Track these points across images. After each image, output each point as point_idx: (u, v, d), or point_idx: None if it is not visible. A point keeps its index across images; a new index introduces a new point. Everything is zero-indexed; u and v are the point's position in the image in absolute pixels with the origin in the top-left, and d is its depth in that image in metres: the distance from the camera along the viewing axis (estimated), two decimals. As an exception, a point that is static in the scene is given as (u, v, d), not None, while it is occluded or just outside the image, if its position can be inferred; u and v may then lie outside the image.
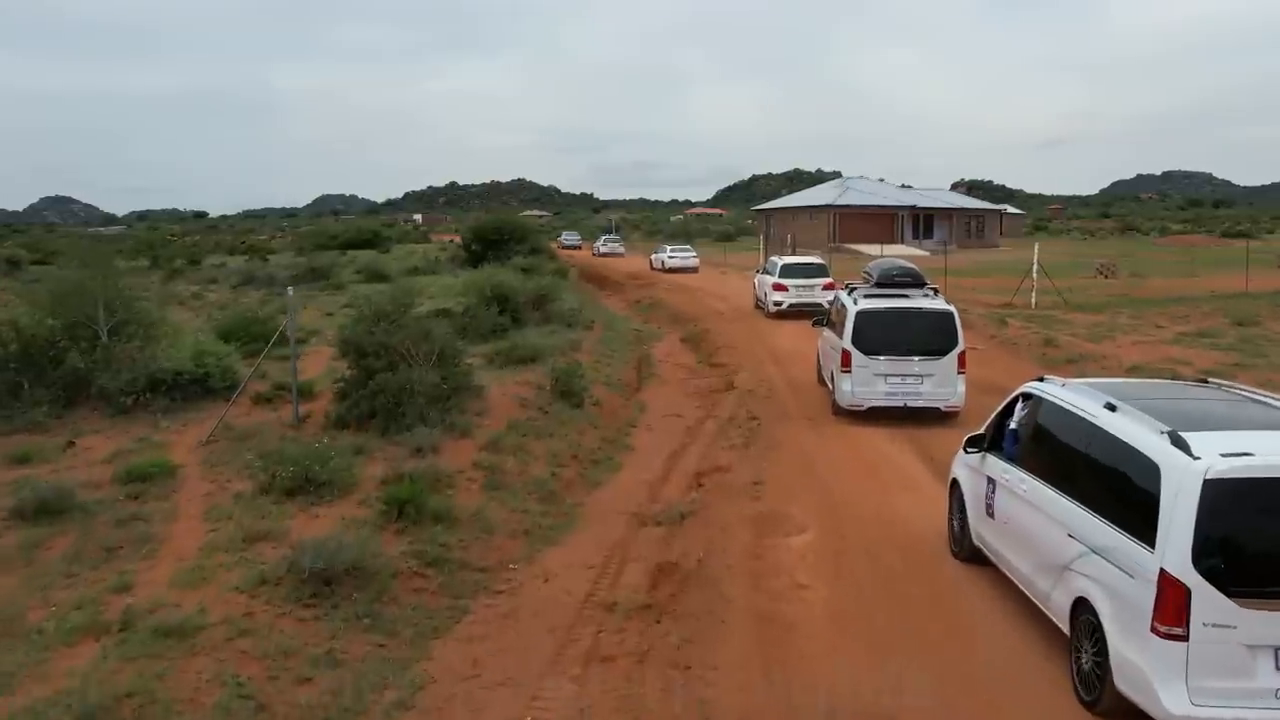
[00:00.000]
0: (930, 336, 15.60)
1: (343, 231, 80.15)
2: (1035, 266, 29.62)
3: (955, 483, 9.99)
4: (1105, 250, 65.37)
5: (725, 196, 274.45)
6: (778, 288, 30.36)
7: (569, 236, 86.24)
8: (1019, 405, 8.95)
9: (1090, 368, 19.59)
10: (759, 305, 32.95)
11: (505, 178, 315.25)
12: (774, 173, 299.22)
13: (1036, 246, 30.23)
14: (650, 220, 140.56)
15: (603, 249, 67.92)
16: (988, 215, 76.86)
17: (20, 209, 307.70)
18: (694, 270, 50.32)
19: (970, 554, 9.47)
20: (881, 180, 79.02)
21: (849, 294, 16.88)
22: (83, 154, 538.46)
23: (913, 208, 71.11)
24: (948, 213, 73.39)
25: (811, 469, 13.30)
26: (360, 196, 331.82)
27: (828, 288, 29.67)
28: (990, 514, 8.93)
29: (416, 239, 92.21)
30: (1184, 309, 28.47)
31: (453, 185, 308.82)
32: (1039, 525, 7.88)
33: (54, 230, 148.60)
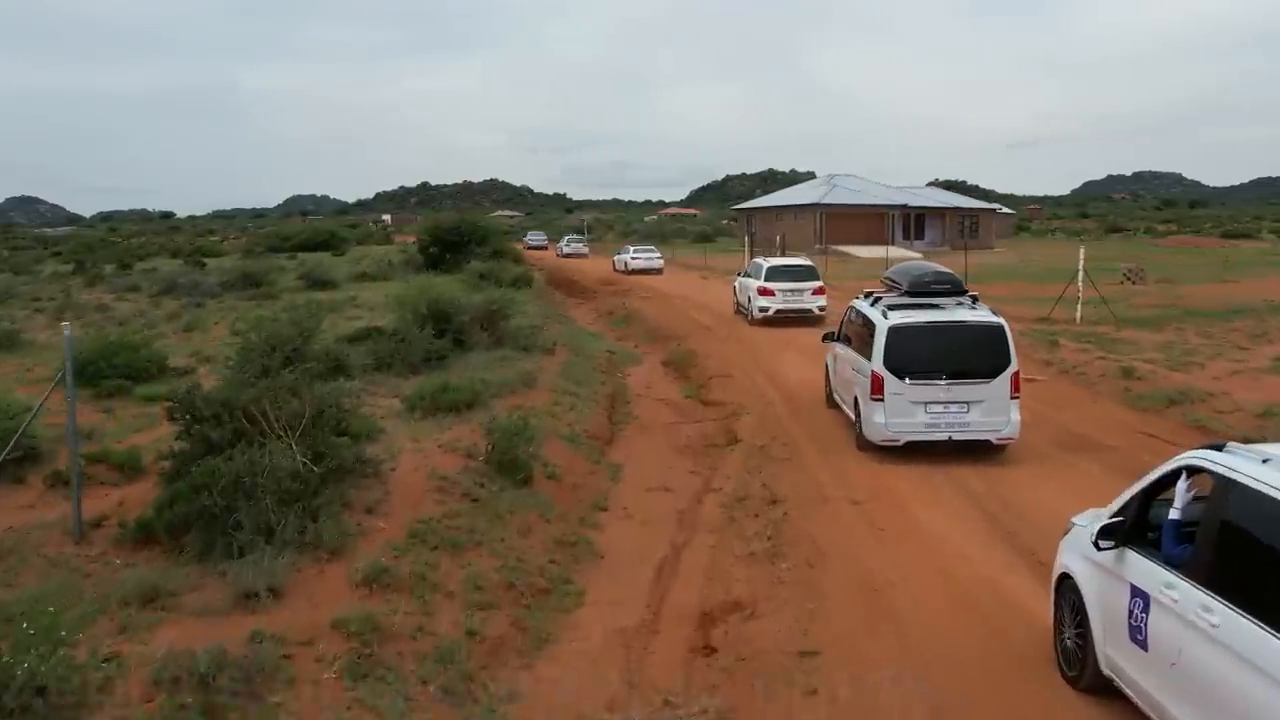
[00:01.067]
0: (977, 355, 13.01)
1: (298, 233, 74.60)
2: (1080, 273, 24.92)
3: (1066, 580, 6.97)
4: (1104, 252, 61.15)
5: (699, 196, 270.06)
6: (763, 292, 26.87)
7: (534, 237, 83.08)
8: (1183, 485, 5.94)
9: (1201, 410, 14.86)
10: (740, 311, 29.13)
11: (478, 178, 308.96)
12: (748, 173, 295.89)
13: (1082, 250, 25.54)
14: (624, 220, 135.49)
15: (566, 249, 65.22)
16: (982, 215, 72.37)
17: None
18: (658, 272, 47.18)
19: (1095, 683, 6.53)
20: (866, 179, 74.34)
21: (871, 304, 14.10)
22: (52, 154, 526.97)
23: (904, 207, 66.51)
24: (940, 212, 68.86)
25: (884, 605, 8.41)
26: (332, 197, 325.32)
27: (818, 292, 27.09)
28: (1139, 642, 5.93)
29: (379, 240, 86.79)
30: (1251, 322, 23.89)
31: (424, 185, 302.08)
32: (1241, 683, 4.89)
33: (11, 231, 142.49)
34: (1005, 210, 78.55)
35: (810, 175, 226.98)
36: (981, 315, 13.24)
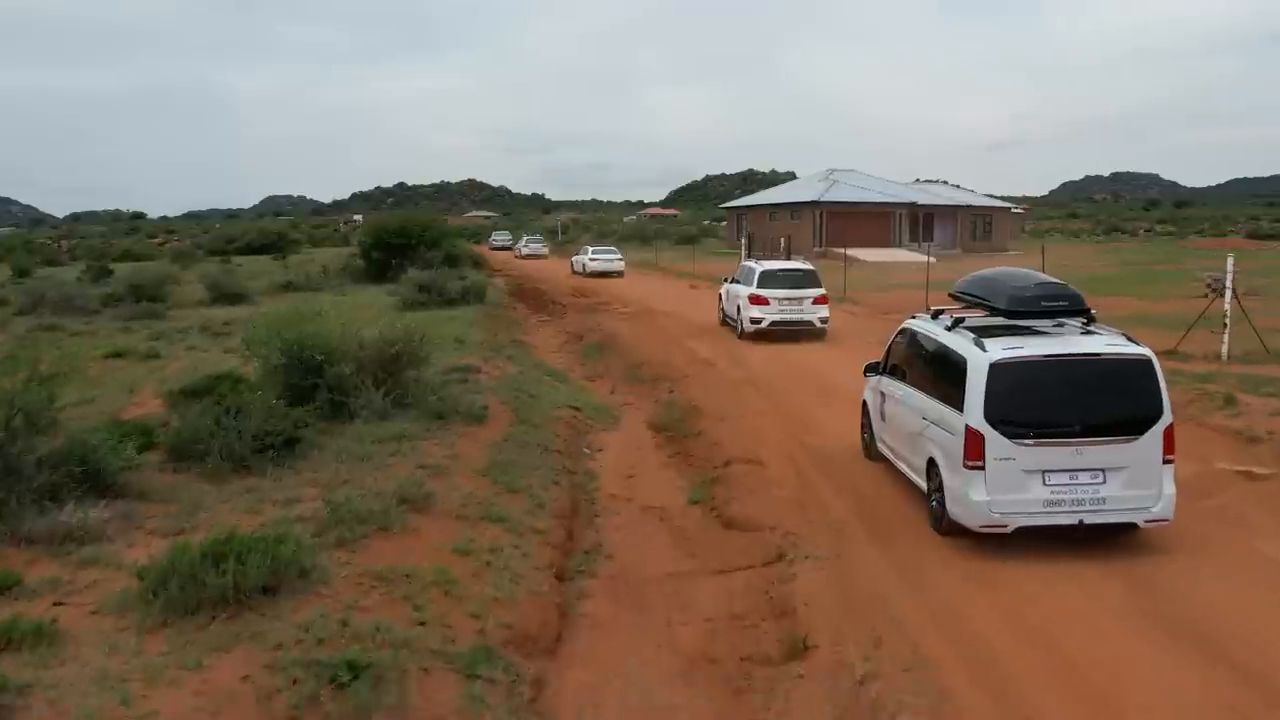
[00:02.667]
0: (1116, 401, 8.99)
1: (243, 234, 66.93)
2: (1228, 289, 17.96)
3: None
4: (1140, 257, 54.49)
5: (679, 197, 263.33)
6: (756, 300, 22.52)
7: (500, 237, 77.25)
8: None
9: None
10: (726, 322, 24.65)
11: (455, 178, 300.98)
12: (728, 173, 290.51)
13: (1230, 260, 18.49)
14: (603, 221, 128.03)
15: (524, 250, 61.61)
16: (995, 214, 65.33)
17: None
18: (619, 274, 43.13)
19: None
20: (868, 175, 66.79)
21: (951, 329, 9.96)
22: (26, 155, 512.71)
23: (912, 205, 59.46)
24: (951, 211, 61.79)
25: None
26: (309, 197, 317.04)
27: (820, 301, 22.77)
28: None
29: (337, 241, 79.13)
30: None
31: (401, 186, 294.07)
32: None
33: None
34: (1016, 209, 71.00)
35: (791, 175, 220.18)
36: (1119, 345, 9.21)
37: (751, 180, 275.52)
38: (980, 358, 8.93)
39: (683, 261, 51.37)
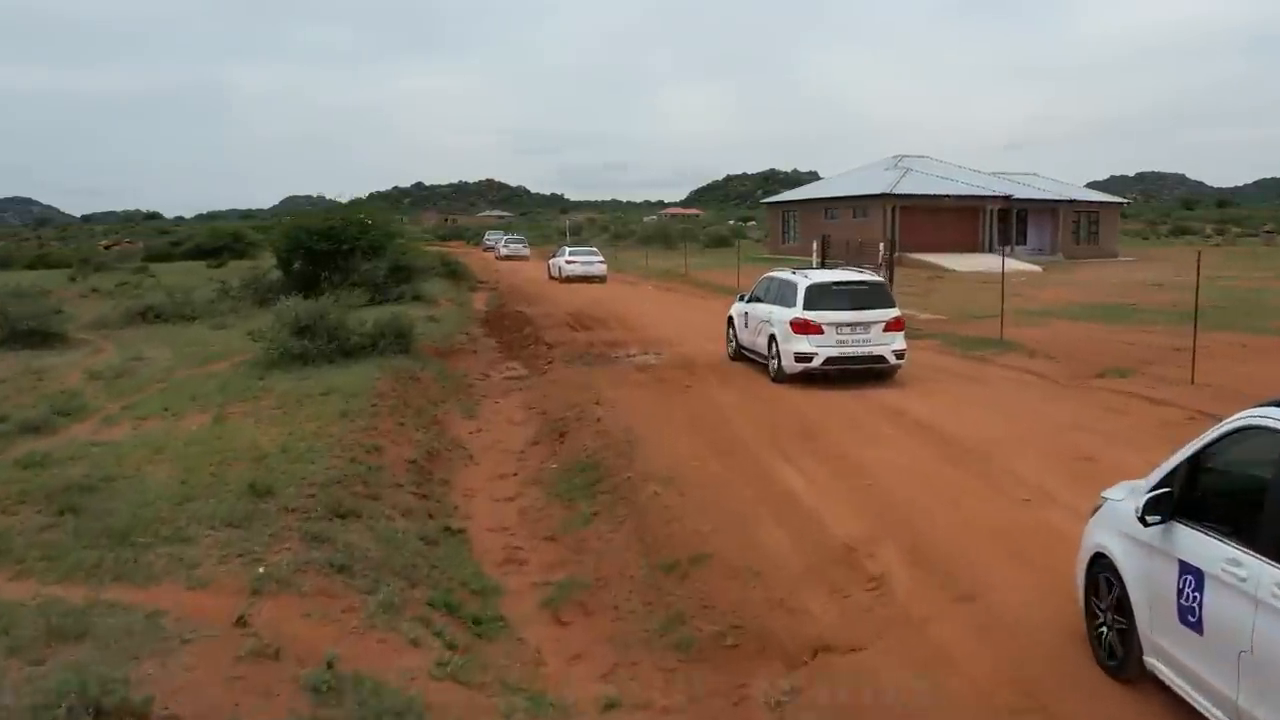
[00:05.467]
0: None
1: (191, 236, 55.20)
2: None
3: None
4: (1245, 264, 41.91)
5: (700, 197, 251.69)
6: (804, 328, 14.74)
7: (493, 237, 70.71)
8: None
9: None
10: (742, 355, 17.19)
11: (473, 178, 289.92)
12: (749, 172, 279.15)
13: None
14: (621, 221, 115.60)
15: (504, 250, 57.48)
16: (1104, 210, 52.33)
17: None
18: (601, 280, 37.70)
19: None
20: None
21: None
22: (46, 155, 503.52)
23: (1006, 198, 46.80)
24: (1050, 206, 49.00)
25: None
26: (328, 197, 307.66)
27: (893, 327, 14.93)
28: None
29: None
30: None
31: (419, 185, 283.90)
32: None
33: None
34: (1121, 199, 57.28)
35: (814, 176, 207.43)
36: None
37: (774, 180, 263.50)
38: None
39: (716, 268, 39.11)
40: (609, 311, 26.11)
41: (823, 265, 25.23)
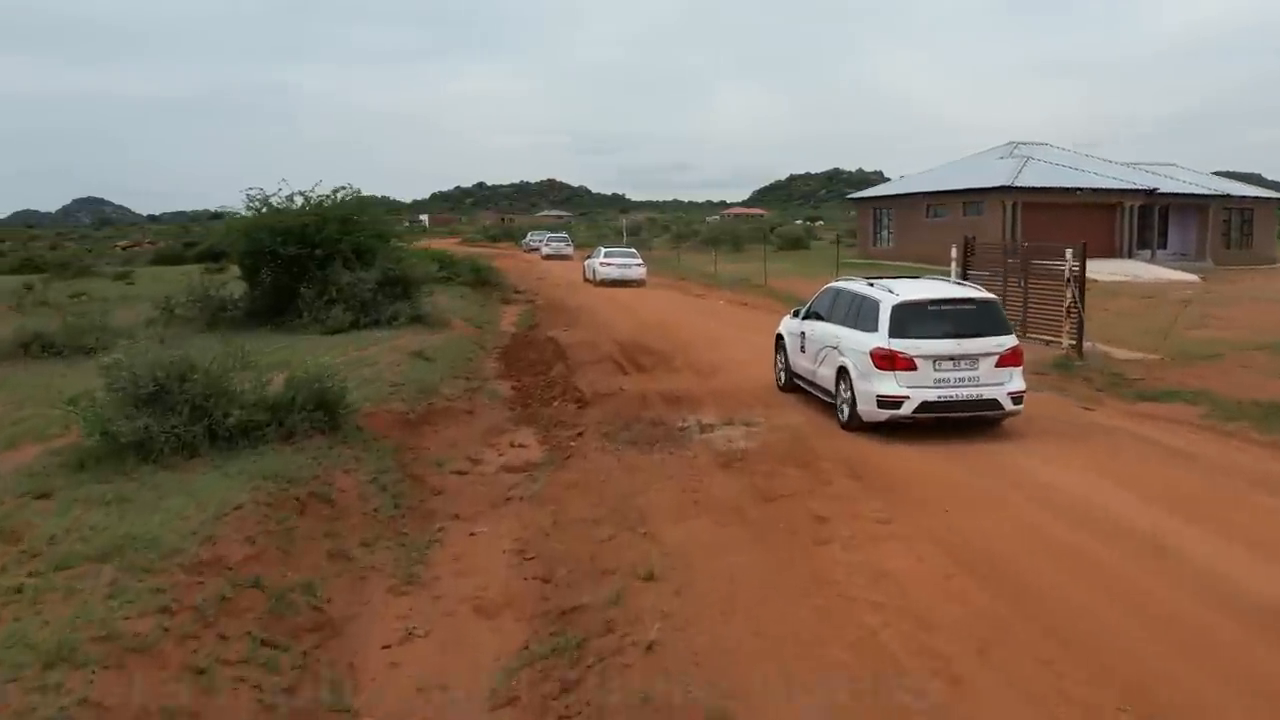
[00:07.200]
0: None
1: (203, 238, 49.44)
2: None
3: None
4: None
5: (762, 196, 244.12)
6: (888, 360, 11.03)
7: (536, 238, 66.66)
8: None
9: None
10: (797, 384, 13.52)
11: (535, 179, 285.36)
12: (812, 172, 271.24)
13: None
14: (683, 221, 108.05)
15: (547, 250, 55.92)
16: (1259, 208, 43.55)
17: (53, 210, 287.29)
18: (639, 283, 34.39)
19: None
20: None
21: None
22: (115, 156, 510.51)
23: (1150, 192, 38.55)
24: (1199, 202, 40.57)
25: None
26: (392, 197, 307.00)
27: (1008, 361, 11.13)
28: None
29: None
30: None
31: (480, 186, 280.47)
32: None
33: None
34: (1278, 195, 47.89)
35: (879, 176, 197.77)
36: None
37: (838, 179, 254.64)
38: None
39: (799, 276, 31.81)
40: (672, 340, 19.10)
41: (964, 277, 18.19)
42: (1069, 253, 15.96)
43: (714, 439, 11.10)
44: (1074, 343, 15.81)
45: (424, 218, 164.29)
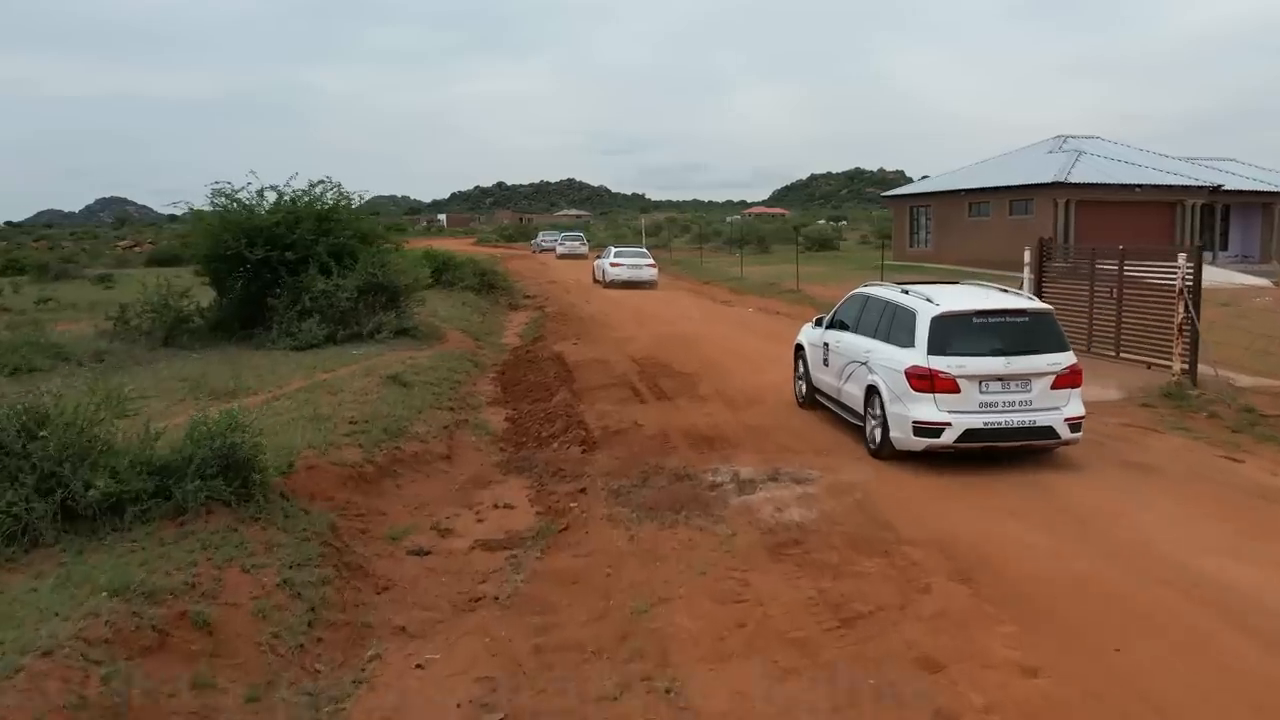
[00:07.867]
0: None
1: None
2: None
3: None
4: None
5: (783, 196, 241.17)
6: (927, 382, 9.34)
7: (547, 238, 65.43)
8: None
9: None
10: (820, 400, 12.03)
11: (554, 178, 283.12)
12: (834, 172, 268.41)
13: None
14: (703, 220, 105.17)
15: (561, 249, 55.90)
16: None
17: (76, 210, 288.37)
18: (651, 284, 32.33)
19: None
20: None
21: None
22: (139, 156, 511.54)
23: (1214, 189, 35.47)
24: (1265, 200, 37.28)
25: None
26: (412, 197, 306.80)
27: (1065, 383, 9.47)
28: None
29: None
30: None
31: (500, 185, 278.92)
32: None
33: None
34: None
35: (900, 176, 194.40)
36: None
37: (859, 179, 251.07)
38: None
39: (834, 280, 29.01)
40: (697, 357, 16.42)
41: (1040, 286, 15.66)
42: (1181, 257, 13.16)
43: (757, 503, 8.44)
44: (1186, 367, 13.04)
45: (442, 217, 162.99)
